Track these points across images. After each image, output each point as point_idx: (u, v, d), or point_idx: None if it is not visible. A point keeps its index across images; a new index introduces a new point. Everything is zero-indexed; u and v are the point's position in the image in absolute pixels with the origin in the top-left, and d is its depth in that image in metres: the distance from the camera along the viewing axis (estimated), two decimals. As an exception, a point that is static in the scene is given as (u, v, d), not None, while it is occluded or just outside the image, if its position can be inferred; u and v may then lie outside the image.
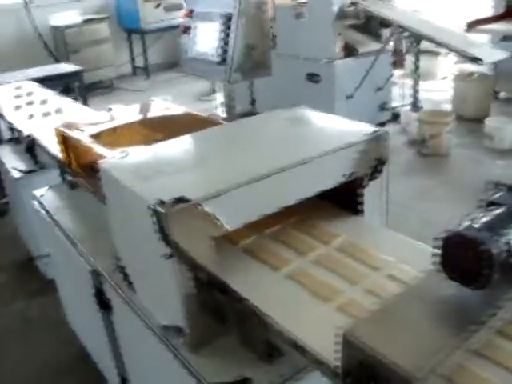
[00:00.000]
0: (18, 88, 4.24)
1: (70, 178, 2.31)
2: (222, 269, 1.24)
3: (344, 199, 1.52)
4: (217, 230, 1.19)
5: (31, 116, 3.14)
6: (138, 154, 1.47)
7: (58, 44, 8.21)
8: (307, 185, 1.35)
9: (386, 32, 4.86)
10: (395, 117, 5.51)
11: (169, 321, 1.32)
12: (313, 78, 4.69)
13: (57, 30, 8.05)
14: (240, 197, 1.21)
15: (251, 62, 1.75)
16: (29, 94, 3.90)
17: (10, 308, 3.17)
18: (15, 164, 3.05)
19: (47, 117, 3.06)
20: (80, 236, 1.96)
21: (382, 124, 5.35)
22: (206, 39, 1.78)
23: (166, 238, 1.16)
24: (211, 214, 1.17)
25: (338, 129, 1.57)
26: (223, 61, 1.69)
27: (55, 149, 2.36)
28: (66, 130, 2.15)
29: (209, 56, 1.76)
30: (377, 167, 1.48)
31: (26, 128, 2.88)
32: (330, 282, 1.22)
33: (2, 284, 3.44)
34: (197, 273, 1.22)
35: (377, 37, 4.91)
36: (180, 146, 1.51)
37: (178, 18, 8.86)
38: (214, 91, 7.11)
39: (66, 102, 3.41)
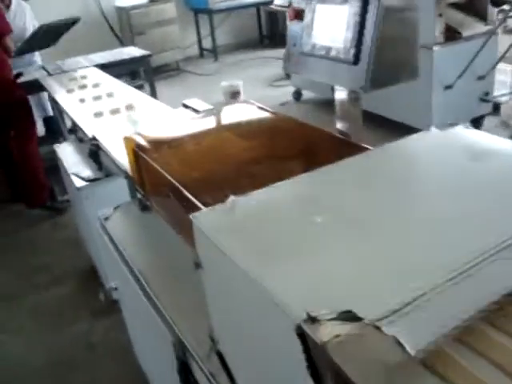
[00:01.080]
0: (82, 77, 3.89)
1: (140, 196, 1.88)
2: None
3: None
4: (397, 358, 0.71)
5: (97, 114, 2.75)
6: (248, 203, 0.99)
7: (123, 25, 7.88)
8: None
9: (494, 11, 4.20)
10: (495, 108, 4.84)
11: None
12: (407, 64, 4.09)
13: (122, 11, 7.72)
14: (433, 304, 0.73)
15: (393, 61, 1.24)
16: (95, 85, 3.53)
17: (73, 330, 2.82)
18: (77, 168, 2.66)
19: (115, 115, 2.65)
20: (157, 285, 1.52)
21: (481, 117, 4.71)
22: (329, 29, 1.28)
23: (315, 369, 0.69)
24: (393, 337, 0.69)
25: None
26: (357, 59, 1.20)
27: (123, 158, 1.94)
28: (136, 140, 1.71)
29: (335, 52, 1.26)
30: None
31: (90, 129, 2.48)
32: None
33: (64, 298, 3.10)
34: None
35: (482, 17, 4.25)
36: (310, 192, 1.02)
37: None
38: (287, 76, 6.58)
39: (136, 96, 3.00)
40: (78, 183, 2.48)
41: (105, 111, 2.75)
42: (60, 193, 4.21)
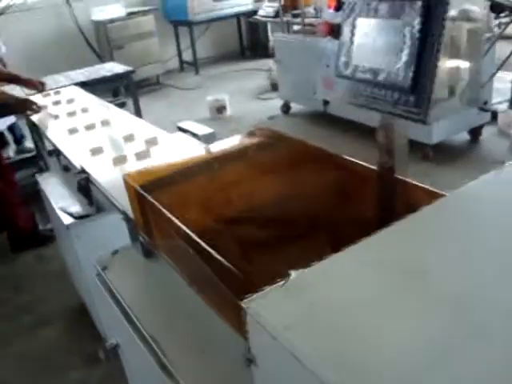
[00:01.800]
0: (57, 93, 3.64)
1: (144, 240, 1.63)
2: None
3: None
4: None
5: (72, 131, 2.50)
6: (318, 282, 0.77)
7: (100, 40, 7.62)
8: None
9: (491, 18, 4.04)
10: (493, 117, 4.68)
11: None
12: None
13: (99, 25, 7.45)
14: None
15: (453, 86, 1.02)
16: (70, 101, 3.29)
17: (64, 380, 2.55)
18: (64, 203, 2.40)
19: (91, 131, 2.40)
20: (172, 349, 1.29)
21: (480, 127, 4.55)
22: (376, 48, 1.07)
23: None
24: None
25: None
26: (415, 85, 0.99)
27: (120, 195, 1.72)
28: (139, 179, 1.48)
29: (384, 76, 1.05)
30: None
31: (79, 160, 2.23)
32: None
33: (52, 343, 2.82)
34: None
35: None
36: (394, 261, 0.80)
37: (229, 7, 8.19)
38: (273, 88, 6.38)
39: (127, 120, 2.75)
40: (67, 220, 2.22)
41: (90, 135, 2.52)
42: (42, 220, 3.93)
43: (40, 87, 3.44)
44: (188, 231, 1.10)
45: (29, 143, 5.05)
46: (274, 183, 1.44)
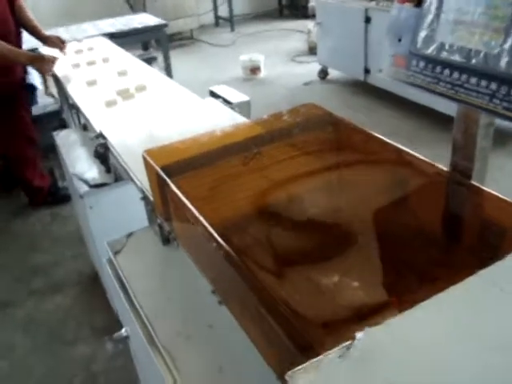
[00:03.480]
0: (89, 49, 3.42)
1: (162, 224, 1.43)
2: None
3: None
4: None
5: (109, 103, 2.27)
6: (378, 340, 0.55)
7: (134, -11, 7.31)
8: None
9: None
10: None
11: None
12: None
13: (134, -26, 7.14)
14: None
15: None
16: (104, 60, 3.06)
17: (71, 353, 2.40)
18: (80, 167, 2.20)
19: (127, 100, 2.18)
20: (185, 368, 1.09)
21: None
22: (472, 21, 0.82)
23: None
24: None
25: None
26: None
27: (141, 169, 1.50)
28: (160, 158, 1.26)
29: (481, 59, 0.80)
30: None
31: (97, 122, 2.03)
32: None
33: (63, 311, 2.67)
34: None
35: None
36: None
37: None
38: (311, 51, 6.05)
39: (155, 79, 2.53)
40: (81, 188, 2.03)
41: (116, 97, 2.30)
42: (62, 176, 3.75)
43: (61, 45, 3.20)
44: (220, 240, 0.88)
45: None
46: (320, 174, 1.21)
